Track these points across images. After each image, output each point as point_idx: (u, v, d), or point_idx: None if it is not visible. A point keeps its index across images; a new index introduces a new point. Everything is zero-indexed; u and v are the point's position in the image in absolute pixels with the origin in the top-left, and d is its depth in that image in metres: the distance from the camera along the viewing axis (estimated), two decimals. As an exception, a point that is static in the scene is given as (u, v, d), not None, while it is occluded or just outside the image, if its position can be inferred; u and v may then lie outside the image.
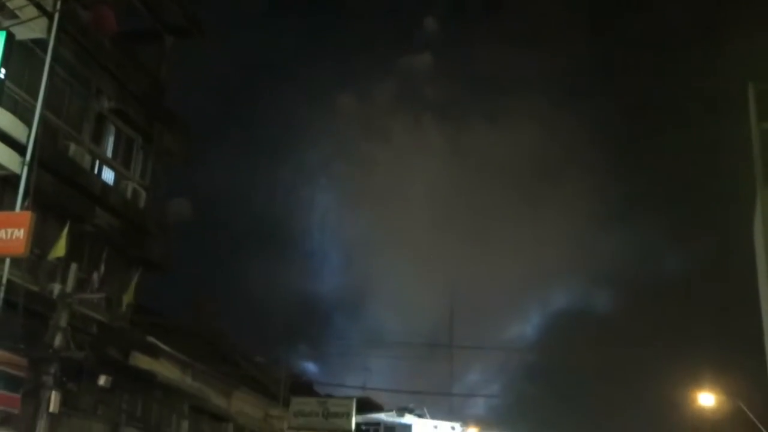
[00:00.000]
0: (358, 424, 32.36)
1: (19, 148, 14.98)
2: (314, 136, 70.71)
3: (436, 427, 55.79)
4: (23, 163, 14.84)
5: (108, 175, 18.73)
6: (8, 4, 14.58)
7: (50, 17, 15.36)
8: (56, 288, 15.08)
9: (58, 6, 15.45)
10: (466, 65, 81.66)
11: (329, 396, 30.36)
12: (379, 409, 52.75)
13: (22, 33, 15.17)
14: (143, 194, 19.48)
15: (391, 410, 53.58)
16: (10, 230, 13.15)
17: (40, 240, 14.73)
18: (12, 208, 14.54)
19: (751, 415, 26.92)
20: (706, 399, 28.67)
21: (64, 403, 14.32)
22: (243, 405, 24.54)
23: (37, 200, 14.77)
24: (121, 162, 19.20)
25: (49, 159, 15.53)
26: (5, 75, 14.59)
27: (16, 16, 14.92)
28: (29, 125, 15.19)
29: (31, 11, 14.84)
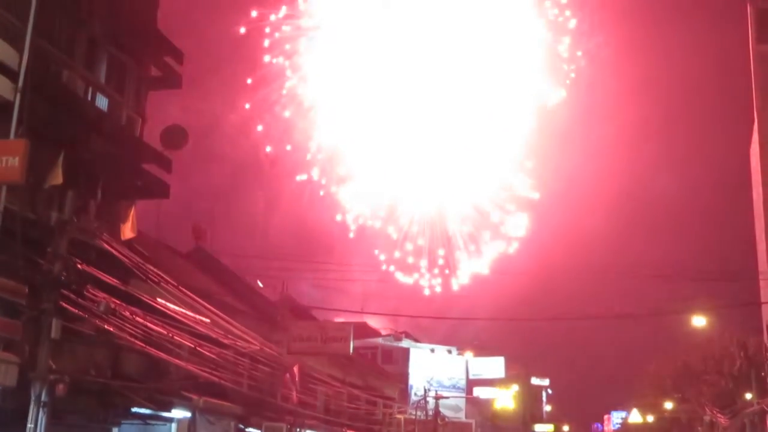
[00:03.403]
0: (356, 349, 32.78)
1: (11, 74, 14.80)
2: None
3: (432, 350, 56.70)
4: (16, 90, 14.67)
5: (102, 102, 18.53)
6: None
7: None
8: (54, 215, 15.06)
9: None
10: None
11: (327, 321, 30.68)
12: (376, 334, 53.49)
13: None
14: (138, 121, 19.30)
15: (388, 335, 54.36)
16: (5, 158, 13.08)
17: (36, 168, 14.62)
18: (6, 136, 14.42)
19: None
20: (698, 321, 29.07)
21: (65, 329, 14.44)
22: (243, 330, 24.76)
23: (32, 127, 14.65)
24: (114, 88, 18.97)
25: (41, 85, 15.34)
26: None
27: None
28: (20, 51, 14.97)
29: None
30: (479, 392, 59.43)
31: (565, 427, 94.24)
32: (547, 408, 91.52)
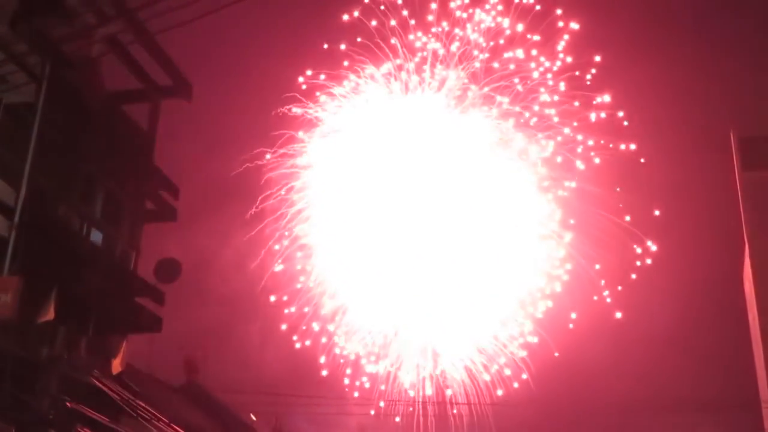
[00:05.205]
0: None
1: (6, 211, 14.94)
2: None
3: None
4: (11, 227, 14.78)
5: (97, 236, 18.64)
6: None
7: (39, 82, 15.45)
8: (44, 352, 14.90)
9: (47, 72, 15.55)
10: None
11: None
12: (373, 468, 51.99)
13: (11, 97, 15.27)
14: (132, 254, 19.37)
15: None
16: (-3, 295, 13.10)
17: (28, 303, 14.58)
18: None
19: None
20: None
21: (52, 470, 14.05)
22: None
23: (25, 263, 14.68)
24: (109, 223, 19.12)
25: (37, 222, 15.47)
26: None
27: (4, 81, 15.03)
28: (17, 188, 15.16)
29: (20, 77, 14.95)
30: None
31: None
32: None
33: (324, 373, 25.09)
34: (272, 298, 24.57)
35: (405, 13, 24.38)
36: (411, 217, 24.28)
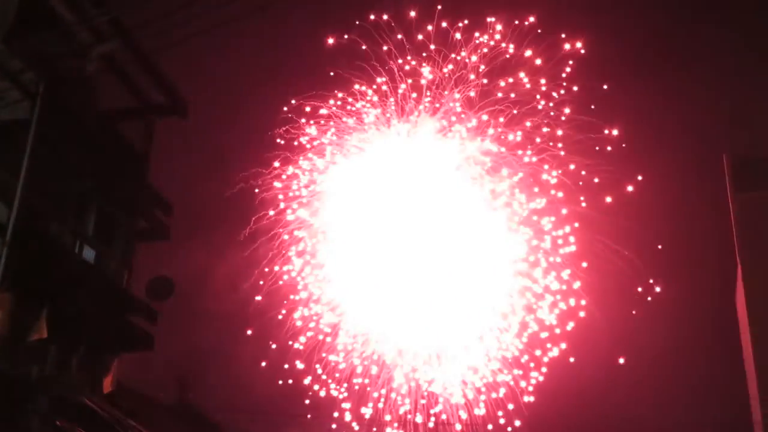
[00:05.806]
0: None
1: (-1, 228, 14.88)
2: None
3: None
4: (3, 244, 14.71)
5: (89, 254, 18.57)
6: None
7: (34, 99, 15.43)
8: (34, 371, 14.78)
9: (41, 89, 15.53)
10: None
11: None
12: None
13: (5, 114, 15.25)
14: (125, 273, 19.27)
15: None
16: (-13, 312, 13.01)
17: (19, 321, 14.49)
18: (-10, 289, 14.33)
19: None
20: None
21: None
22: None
23: (16, 281, 14.59)
24: (102, 240, 19.05)
25: (29, 239, 15.39)
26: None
27: (-1, 98, 15.04)
28: (9, 205, 15.10)
29: (15, 94, 14.93)
30: None
31: None
32: None
33: (308, 416, 25.04)
34: (249, 332, 24.58)
35: (400, 36, 24.43)
36: (407, 248, 24.17)
